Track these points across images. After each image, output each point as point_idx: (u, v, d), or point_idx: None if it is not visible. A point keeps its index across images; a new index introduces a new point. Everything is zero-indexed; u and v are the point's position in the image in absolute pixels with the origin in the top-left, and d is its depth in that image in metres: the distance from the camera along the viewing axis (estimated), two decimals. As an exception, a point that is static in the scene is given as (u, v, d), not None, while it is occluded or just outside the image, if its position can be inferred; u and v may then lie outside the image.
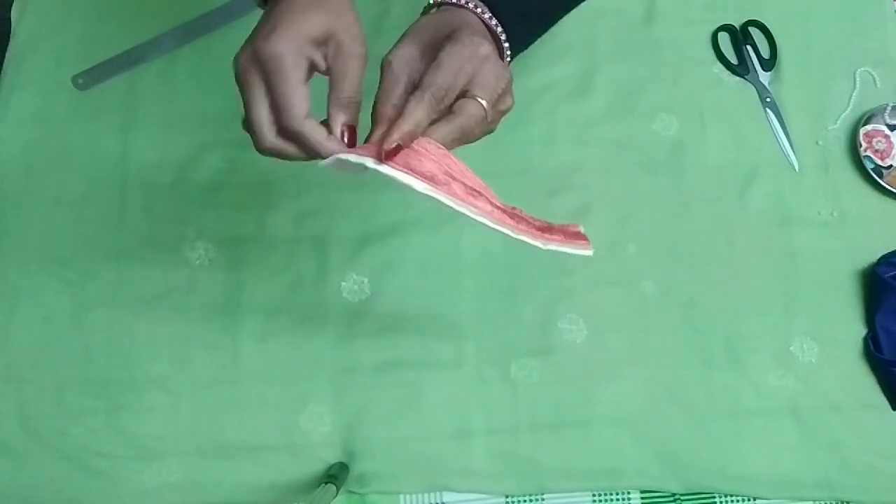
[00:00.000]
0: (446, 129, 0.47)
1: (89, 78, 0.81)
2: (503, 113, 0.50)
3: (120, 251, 0.75)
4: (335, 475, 0.66)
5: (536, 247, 0.47)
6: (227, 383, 0.72)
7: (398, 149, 0.45)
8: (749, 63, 0.85)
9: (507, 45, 0.51)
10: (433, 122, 0.47)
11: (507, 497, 0.70)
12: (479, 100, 0.47)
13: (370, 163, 0.45)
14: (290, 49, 0.44)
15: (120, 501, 0.69)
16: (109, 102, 0.80)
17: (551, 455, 0.71)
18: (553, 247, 0.47)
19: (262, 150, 0.46)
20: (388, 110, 0.47)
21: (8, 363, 0.72)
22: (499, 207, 0.48)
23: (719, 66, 0.85)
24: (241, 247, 0.76)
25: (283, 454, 0.70)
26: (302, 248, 0.76)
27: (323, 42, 0.45)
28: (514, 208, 0.49)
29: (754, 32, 0.87)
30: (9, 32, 0.83)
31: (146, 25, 0.82)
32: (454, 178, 0.46)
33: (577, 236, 0.50)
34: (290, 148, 0.46)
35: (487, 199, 0.47)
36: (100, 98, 0.80)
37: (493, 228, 0.45)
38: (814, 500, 0.71)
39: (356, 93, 0.46)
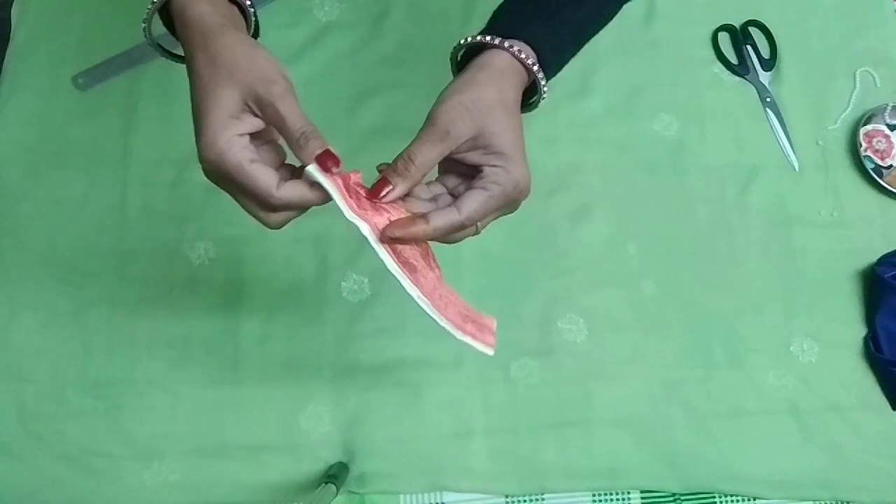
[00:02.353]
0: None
1: (89, 78, 0.81)
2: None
3: (120, 251, 0.75)
4: (335, 475, 0.66)
5: (451, 333, 0.48)
6: (227, 383, 0.72)
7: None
8: (749, 63, 0.85)
9: (543, 82, 0.51)
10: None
11: (507, 497, 0.70)
12: (479, 225, 0.49)
13: (336, 197, 0.46)
14: (221, 148, 0.43)
15: (120, 501, 0.69)
16: (109, 102, 0.80)
17: (551, 455, 0.71)
18: (465, 339, 0.48)
19: (276, 228, 0.47)
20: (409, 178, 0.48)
21: (8, 363, 0.72)
22: (433, 278, 0.49)
23: (719, 66, 0.85)
24: (241, 246, 0.76)
25: (283, 454, 0.70)
26: (302, 248, 0.76)
27: (247, 107, 0.45)
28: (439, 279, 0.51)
29: (754, 32, 0.87)
30: (9, 32, 0.83)
31: (146, 25, 0.82)
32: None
33: (487, 330, 0.52)
34: (291, 212, 0.47)
35: (425, 264, 0.48)
36: (100, 98, 0.80)
37: (419, 306, 0.46)
38: (814, 500, 0.71)
39: (302, 124, 0.45)
